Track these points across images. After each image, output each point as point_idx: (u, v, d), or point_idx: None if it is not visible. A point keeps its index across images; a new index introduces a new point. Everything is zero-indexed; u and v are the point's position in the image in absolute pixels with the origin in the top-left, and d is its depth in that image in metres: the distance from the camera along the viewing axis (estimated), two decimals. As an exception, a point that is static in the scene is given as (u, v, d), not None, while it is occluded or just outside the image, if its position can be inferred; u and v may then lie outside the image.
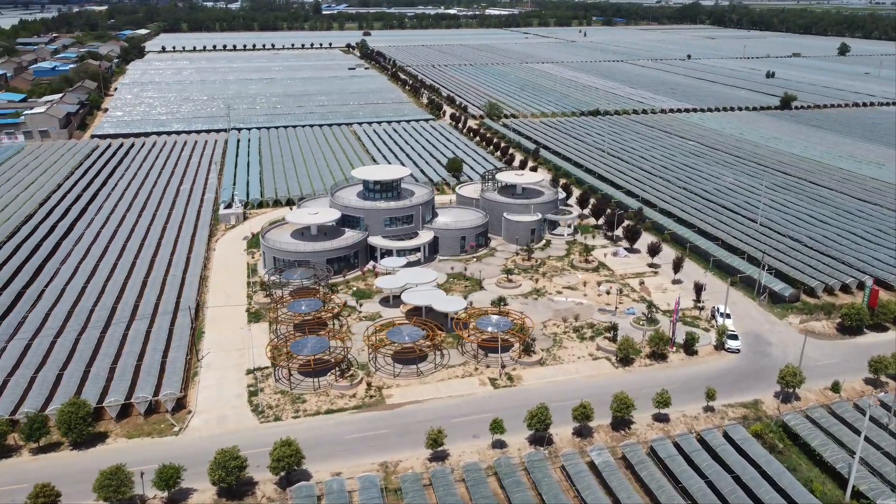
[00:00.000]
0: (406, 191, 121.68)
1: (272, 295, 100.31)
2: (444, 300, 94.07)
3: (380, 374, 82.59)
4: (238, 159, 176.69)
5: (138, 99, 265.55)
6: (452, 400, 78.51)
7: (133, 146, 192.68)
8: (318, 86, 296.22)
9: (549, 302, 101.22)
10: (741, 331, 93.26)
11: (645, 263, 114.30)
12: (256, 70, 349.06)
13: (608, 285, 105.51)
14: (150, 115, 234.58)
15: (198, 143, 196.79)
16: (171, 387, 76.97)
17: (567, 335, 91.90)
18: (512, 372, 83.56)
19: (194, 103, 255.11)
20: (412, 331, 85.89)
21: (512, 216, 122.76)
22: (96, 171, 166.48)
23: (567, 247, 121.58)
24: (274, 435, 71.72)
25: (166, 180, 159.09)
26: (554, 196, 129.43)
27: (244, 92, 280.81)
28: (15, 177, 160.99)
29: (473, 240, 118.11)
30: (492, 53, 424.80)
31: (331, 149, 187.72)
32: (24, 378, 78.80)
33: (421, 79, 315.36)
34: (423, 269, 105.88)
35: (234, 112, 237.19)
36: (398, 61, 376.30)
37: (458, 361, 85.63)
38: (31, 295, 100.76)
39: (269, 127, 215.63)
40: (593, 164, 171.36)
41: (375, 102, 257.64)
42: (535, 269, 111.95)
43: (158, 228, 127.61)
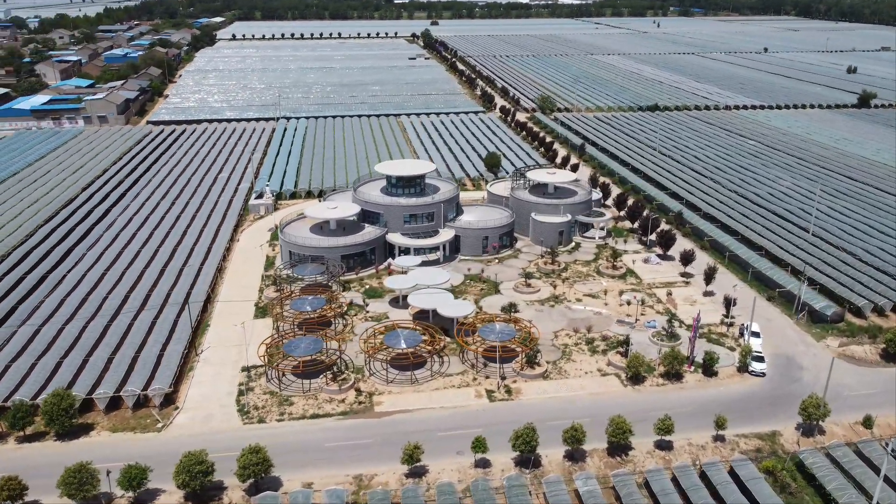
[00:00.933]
0: (430, 187, 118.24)
1: (282, 290, 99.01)
2: (450, 304, 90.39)
3: (373, 380, 79.83)
4: (280, 148, 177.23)
5: (199, 86, 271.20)
6: (444, 411, 74.95)
7: (184, 133, 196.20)
8: (374, 76, 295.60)
9: (566, 310, 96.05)
10: (771, 352, 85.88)
11: (677, 272, 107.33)
12: (319, 59, 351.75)
13: (631, 295, 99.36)
14: (206, 102, 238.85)
15: (246, 131, 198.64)
16: (161, 381, 76.38)
17: (578, 347, 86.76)
18: (512, 384, 79.26)
19: (252, 91, 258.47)
20: (411, 335, 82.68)
21: (539, 216, 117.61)
22: (143, 157, 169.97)
23: (597, 251, 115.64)
24: (255, 438, 69.90)
25: (207, 168, 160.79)
26: (587, 196, 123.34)
27: (301, 81, 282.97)
28: (66, 161, 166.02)
29: (496, 240, 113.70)
30: (557, 44, 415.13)
31: (374, 140, 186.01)
32: (25, 364, 79.81)
33: (479, 69, 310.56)
34: (437, 269, 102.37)
35: (287, 101, 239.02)
36: (459, 51, 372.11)
37: (458, 370, 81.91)
38: (53, 279, 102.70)
39: (318, 116, 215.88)
40: (641, 162, 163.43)
41: (428, 93, 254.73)
42: (557, 274, 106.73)
43: (188, 217, 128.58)
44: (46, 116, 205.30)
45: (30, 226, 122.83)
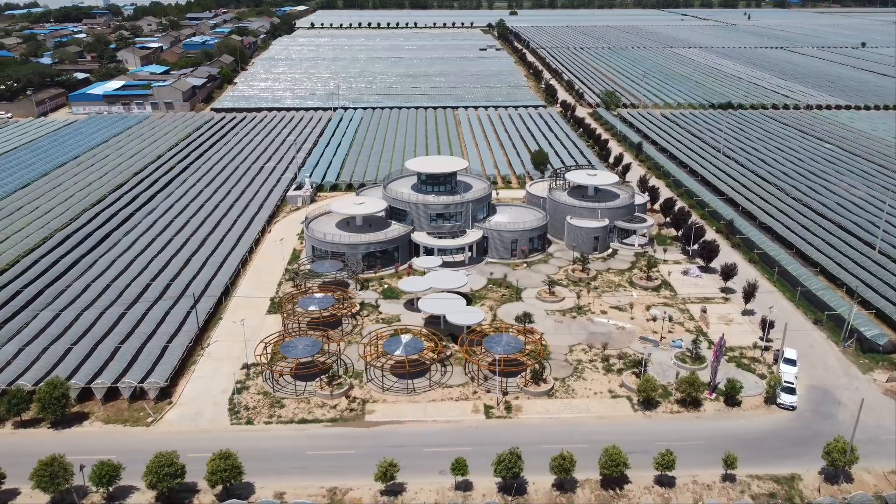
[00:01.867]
0: (463, 185, 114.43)
1: (299, 286, 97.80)
2: (461, 311, 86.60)
3: (370, 386, 77.27)
4: (332, 139, 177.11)
5: (267, 74, 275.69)
6: (436, 425, 71.59)
7: (242, 121, 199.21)
8: (441, 66, 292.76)
9: (588, 323, 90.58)
10: (807, 383, 78.06)
11: (717, 287, 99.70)
12: (389, 48, 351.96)
13: (661, 309, 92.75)
14: (270, 90, 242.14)
15: (303, 120, 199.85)
16: (158, 375, 76.28)
17: (592, 365, 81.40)
18: (513, 401, 74.97)
19: (317, 80, 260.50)
20: (412, 342, 79.54)
21: (574, 220, 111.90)
22: (197, 144, 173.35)
23: (634, 259, 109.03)
24: (239, 440, 69.16)
25: (256, 157, 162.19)
26: (629, 200, 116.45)
27: (367, 70, 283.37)
28: (125, 147, 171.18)
29: (526, 243, 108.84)
30: (636, 36, 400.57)
31: (426, 133, 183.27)
32: (36, 349, 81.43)
33: (548, 61, 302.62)
34: (455, 271, 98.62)
35: (349, 91, 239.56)
36: (532, 42, 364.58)
37: (459, 381, 78.25)
38: (84, 264, 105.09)
39: (376, 107, 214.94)
40: (701, 164, 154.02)
41: (491, 86, 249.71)
42: (586, 283, 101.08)
43: (225, 206, 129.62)
44: (117, 102, 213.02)
45: (75, 210, 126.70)
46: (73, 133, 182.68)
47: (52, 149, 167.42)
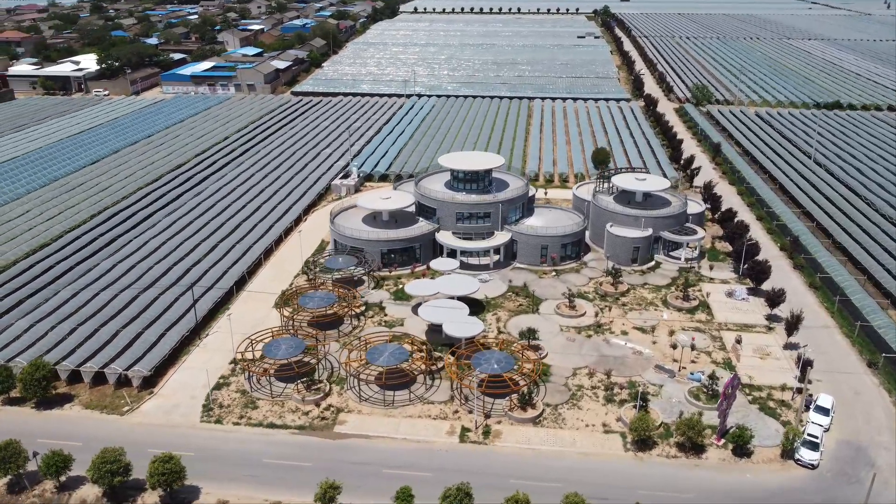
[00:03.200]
0: (500, 184, 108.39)
1: (312, 280, 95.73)
2: (459, 321, 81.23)
3: (349, 394, 73.88)
4: (396, 127, 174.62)
5: (354, 59, 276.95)
6: (405, 444, 67.26)
7: (317, 105, 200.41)
8: (530, 54, 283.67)
9: (602, 343, 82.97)
10: (840, 437, 67.58)
11: (763, 314, 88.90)
12: (485, 35, 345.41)
13: (689, 335, 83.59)
14: (352, 75, 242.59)
15: (374, 106, 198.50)
16: (145, 364, 76.25)
17: (593, 392, 74.21)
18: (494, 425, 69.34)
19: (403, 65, 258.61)
20: (396, 351, 75.26)
21: (615, 228, 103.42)
22: (265, 127, 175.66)
23: (677, 275, 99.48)
24: (203, 439, 68.00)
25: (317, 142, 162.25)
26: (680, 209, 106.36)
27: (454, 56, 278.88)
28: (197, 128, 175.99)
29: (557, 250, 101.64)
30: (751, 25, 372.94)
31: (493, 125, 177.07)
32: (43, 328, 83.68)
33: (647, 51, 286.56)
34: (475, 276, 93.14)
35: (430, 77, 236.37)
36: (635, 30, 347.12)
37: (443, 398, 73.38)
38: (119, 243, 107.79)
39: (450, 95, 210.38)
40: (785, 171, 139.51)
41: (577, 76, 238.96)
42: (615, 298, 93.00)
43: (270, 192, 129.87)
44: (203, 83, 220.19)
45: (129, 189, 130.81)
46: (155, 112, 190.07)
47: (131, 127, 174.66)
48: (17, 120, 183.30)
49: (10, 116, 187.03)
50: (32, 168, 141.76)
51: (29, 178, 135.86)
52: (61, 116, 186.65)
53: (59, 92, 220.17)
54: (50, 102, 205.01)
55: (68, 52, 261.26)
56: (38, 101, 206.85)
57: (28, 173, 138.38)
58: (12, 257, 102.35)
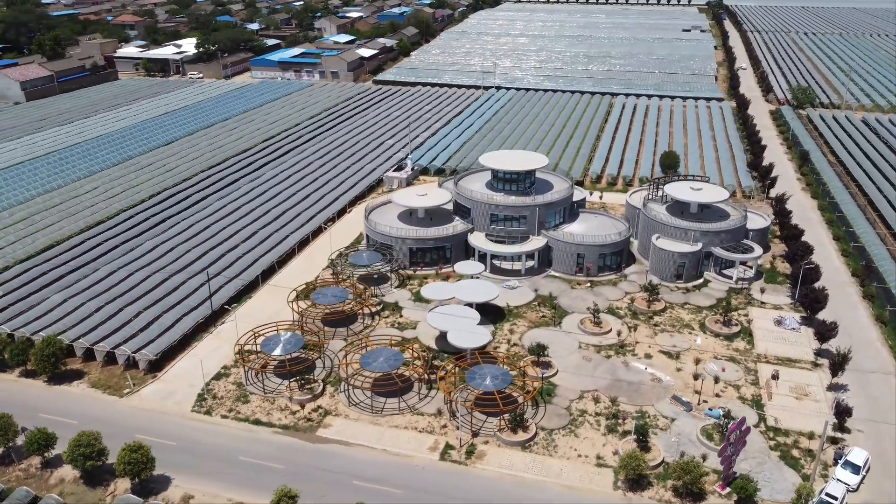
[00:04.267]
0: (544, 185, 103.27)
1: (337, 275, 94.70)
2: (466, 331, 77.46)
3: (341, 397, 72.11)
4: (466, 120, 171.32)
5: (446, 48, 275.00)
6: (383, 456, 64.77)
7: (395, 94, 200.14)
8: (626, 48, 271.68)
9: (620, 366, 76.95)
10: (870, 500, 59.08)
11: (813, 348, 79.71)
12: (585, 26, 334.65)
13: (718, 365, 76.09)
14: (437, 64, 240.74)
15: (451, 97, 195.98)
16: (152, 348, 77.69)
17: (595, 419, 68.82)
18: (481, 445, 65.59)
19: (491, 55, 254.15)
20: (391, 357, 72.61)
21: (661, 241, 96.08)
22: (338, 114, 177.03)
23: (725, 296, 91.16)
24: (188, 429, 68.50)
25: (381, 133, 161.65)
26: (738, 223, 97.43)
27: (546, 48, 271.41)
28: (273, 112, 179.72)
29: (593, 260, 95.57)
30: (882, 21, 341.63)
31: (567, 121, 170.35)
32: (74, 304, 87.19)
33: (754, 47, 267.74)
34: (495, 281, 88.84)
35: (514, 69, 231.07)
36: (746, 24, 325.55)
37: (434, 409, 70.24)
38: (166, 224, 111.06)
39: (531, 89, 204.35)
40: (879, 186, 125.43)
41: (671, 72, 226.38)
42: (648, 317, 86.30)
43: (322, 181, 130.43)
44: (290, 69, 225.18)
45: (192, 171, 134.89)
46: (238, 97, 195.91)
47: (211, 110, 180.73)
48: (114, 100, 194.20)
49: (108, 96, 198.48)
50: (111, 147, 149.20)
51: (105, 156, 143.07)
52: (152, 98, 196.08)
53: (158, 74, 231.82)
54: (147, 84, 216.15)
55: (174, 35, 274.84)
56: (137, 83, 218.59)
57: (106, 152, 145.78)
58: (68, 233, 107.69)
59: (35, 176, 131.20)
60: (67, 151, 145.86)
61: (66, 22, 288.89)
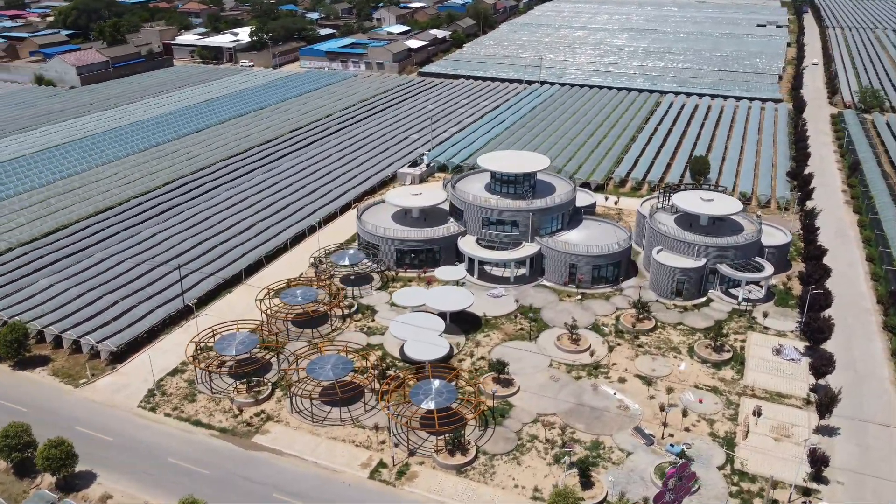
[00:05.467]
0: (546, 188, 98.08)
1: (319, 274, 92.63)
2: (421, 343, 73.60)
3: (287, 402, 69.92)
4: (501, 115, 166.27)
5: (501, 40, 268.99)
6: (312, 469, 62.17)
7: (436, 86, 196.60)
8: (690, 43, 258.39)
9: (588, 389, 71.60)
10: (831, 565, 52.38)
11: (810, 383, 71.99)
12: (652, 19, 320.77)
13: (693, 395, 69.68)
14: (486, 57, 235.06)
15: (492, 91, 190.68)
16: (117, 339, 77.70)
17: (546, 446, 64.04)
18: (415, 465, 62.06)
19: (544, 48, 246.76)
20: (340, 364, 69.81)
21: (661, 255, 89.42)
22: (371, 106, 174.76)
23: (726, 317, 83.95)
24: (128, 424, 68.21)
25: (409, 126, 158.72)
26: (751, 239, 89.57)
27: (604, 42, 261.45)
28: (309, 103, 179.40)
29: (587, 271, 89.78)
30: None
31: (606, 119, 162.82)
32: (59, 289, 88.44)
33: (831, 44, 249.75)
34: (476, 288, 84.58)
35: (564, 63, 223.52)
36: (829, 20, 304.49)
37: (380, 422, 67.03)
38: (174, 211, 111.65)
39: (575, 84, 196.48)
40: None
41: (731, 70, 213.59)
42: (633, 337, 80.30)
43: (335, 175, 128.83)
44: (337, 59, 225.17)
45: (214, 158, 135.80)
46: (280, 86, 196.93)
47: (250, 98, 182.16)
48: (162, 86, 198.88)
49: (157, 83, 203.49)
50: (143, 133, 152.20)
51: (135, 142, 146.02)
52: (198, 85, 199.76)
53: (212, 61, 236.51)
54: (198, 71, 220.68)
55: (235, 23, 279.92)
56: (189, 70, 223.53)
57: (137, 138, 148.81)
58: (76, 217, 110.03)
59: (64, 159, 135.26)
60: (101, 136, 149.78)
61: (136, 9, 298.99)
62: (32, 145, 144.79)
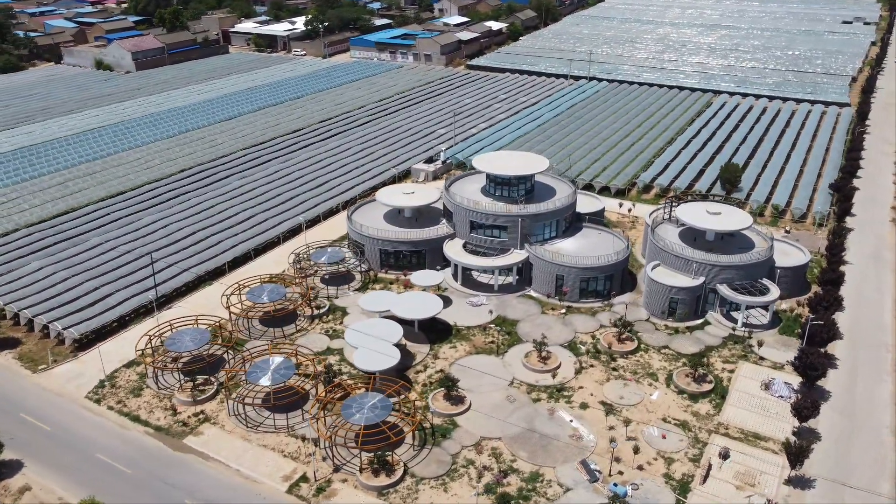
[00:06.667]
0: (546, 192, 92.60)
1: (299, 271, 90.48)
2: (368, 353, 69.74)
3: (229, 404, 68.09)
4: (537, 112, 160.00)
5: (560, 34, 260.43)
6: (233, 478, 60.00)
7: (479, 80, 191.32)
8: (760, 41, 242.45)
9: (545, 413, 66.46)
10: None
11: (794, 425, 64.42)
12: (728, 14, 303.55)
13: (657, 430, 63.45)
14: (539, 51, 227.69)
15: (535, 87, 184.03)
16: (82, 327, 77.96)
17: (480, 473, 59.52)
18: (337, 483, 58.91)
19: (604, 42, 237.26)
20: (281, 369, 67.25)
21: (657, 272, 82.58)
22: (406, 99, 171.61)
23: (721, 343, 76.73)
24: (72, 415, 68.13)
25: (439, 121, 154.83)
26: (759, 258, 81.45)
27: (668, 37, 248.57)
28: (346, 93, 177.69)
29: (574, 283, 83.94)
30: None
31: (647, 119, 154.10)
32: (46, 272, 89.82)
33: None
34: (434, 296, 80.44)
35: (619, 59, 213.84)
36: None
37: (311, 433, 64.23)
38: (179, 200, 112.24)
39: (624, 81, 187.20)
40: None
41: (798, 69, 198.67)
42: (609, 358, 74.34)
43: (348, 169, 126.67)
44: (386, 49, 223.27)
45: (231, 148, 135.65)
46: (324, 75, 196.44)
47: (292, 87, 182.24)
48: (210, 74, 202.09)
49: (207, 70, 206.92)
50: (176, 120, 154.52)
51: (166, 128, 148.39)
52: (246, 73, 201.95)
53: (266, 49, 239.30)
54: (250, 59, 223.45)
55: (296, 12, 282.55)
56: (241, 57, 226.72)
57: (168, 124, 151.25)
58: (85, 201, 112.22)
59: (95, 143, 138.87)
60: (136, 121, 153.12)
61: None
62: (72, 128, 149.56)
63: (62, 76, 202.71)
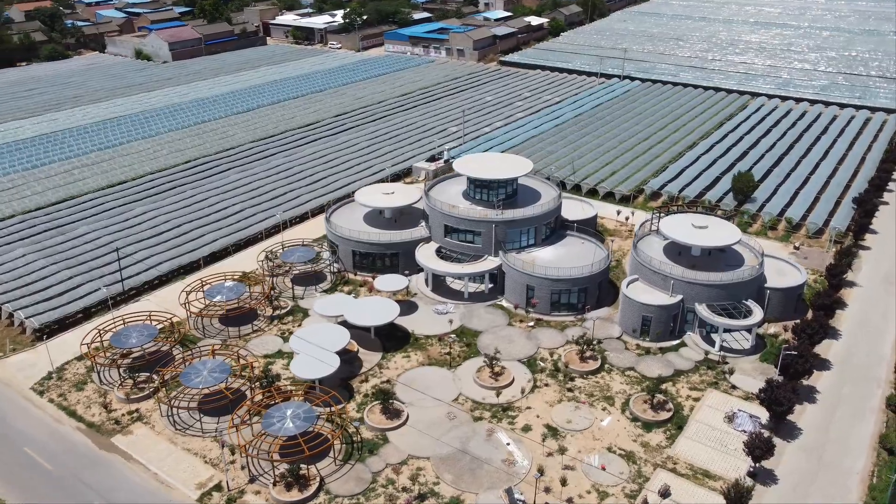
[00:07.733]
0: (530, 196, 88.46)
1: (269, 269, 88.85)
2: (307, 360, 67.27)
3: (163, 405, 66.98)
4: (557, 111, 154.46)
5: (604, 30, 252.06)
6: (149, 481, 58.75)
7: (508, 76, 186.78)
8: (821, 40, 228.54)
9: (480, 434, 62.79)
10: None
11: (750, 465, 58.88)
12: (789, 11, 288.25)
13: (597, 460, 58.96)
14: (579, 48, 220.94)
15: (564, 84, 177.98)
16: (44, 317, 78.44)
17: (401, 494, 56.49)
18: (253, 495, 56.89)
19: (647, 39, 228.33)
20: (217, 371, 65.65)
21: (632, 288, 77.47)
22: (427, 95, 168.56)
23: (694, 367, 71.39)
24: (12, 406, 68.14)
25: (455, 118, 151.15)
26: (744, 277, 75.35)
27: (716, 35, 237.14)
28: (369, 87, 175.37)
29: (543, 296, 79.62)
30: None
31: (673, 122, 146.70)
32: (27, 259, 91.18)
33: None
34: (391, 302, 77.30)
35: (662, 57, 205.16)
36: None
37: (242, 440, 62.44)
38: (177, 191, 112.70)
39: (658, 81, 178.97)
40: None
41: (849, 72, 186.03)
42: (566, 377, 69.98)
43: (349, 166, 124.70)
44: (419, 44, 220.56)
45: (242, 140, 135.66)
46: (353, 69, 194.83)
47: (317, 80, 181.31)
48: (242, 65, 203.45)
49: (242, 61, 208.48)
50: (196, 111, 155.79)
51: (183, 119, 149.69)
52: (276, 65, 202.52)
53: (304, 42, 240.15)
54: (284, 51, 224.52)
55: (339, 5, 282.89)
56: (276, 49, 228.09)
57: (186, 115, 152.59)
58: (84, 190, 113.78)
59: (111, 132, 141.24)
60: (156, 111, 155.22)
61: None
62: (94, 117, 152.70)
63: (100, 65, 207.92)
